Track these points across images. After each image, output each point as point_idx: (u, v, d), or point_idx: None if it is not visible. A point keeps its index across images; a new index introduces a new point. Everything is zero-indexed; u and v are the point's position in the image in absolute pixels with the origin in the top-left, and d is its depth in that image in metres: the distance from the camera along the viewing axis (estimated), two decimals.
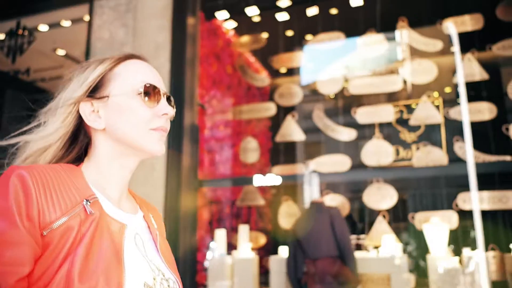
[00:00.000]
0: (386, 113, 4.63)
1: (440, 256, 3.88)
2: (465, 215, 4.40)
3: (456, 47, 4.53)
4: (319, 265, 3.31)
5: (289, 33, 5.44)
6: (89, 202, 0.78)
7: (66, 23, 5.67)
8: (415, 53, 4.70)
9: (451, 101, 4.85)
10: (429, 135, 4.43)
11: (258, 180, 4.33)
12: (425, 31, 4.80)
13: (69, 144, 0.90)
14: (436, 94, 5.77)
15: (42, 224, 0.72)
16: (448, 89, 5.46)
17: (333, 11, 5.10)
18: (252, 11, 5.04)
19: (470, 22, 4.59)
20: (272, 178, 4.23)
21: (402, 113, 4.60)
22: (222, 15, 5.23)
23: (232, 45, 5.62)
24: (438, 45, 4.68)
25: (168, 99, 0.89)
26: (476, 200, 4.11)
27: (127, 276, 0.75)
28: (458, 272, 3.71)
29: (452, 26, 4.66)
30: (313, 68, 5.77)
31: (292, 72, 6.03)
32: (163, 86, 0.89)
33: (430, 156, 4.41)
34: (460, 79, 4.40)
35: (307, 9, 5.05)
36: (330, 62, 5.37)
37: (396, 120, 4.60)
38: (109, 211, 0.82)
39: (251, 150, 5.09)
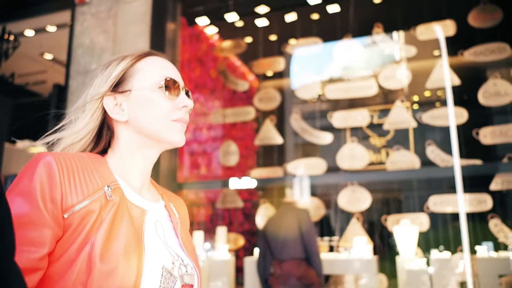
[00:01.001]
0: (362, 117, 4.73)
1: (407, 258, 3.97)
2: (436, 218, 4.50)
3: (443, 52, 4.60)
4: (284, 267, 3.38)
5: (269, 38, 5.53)
6: (111, 188, 0.82)
7: (51, 28, 5.77)
8: (390, 58, 4.80)
9: (424, 106, 4.95)
10: (401, 139, 4.52)
11: (234, 183, 4.43)
12: (399, 37, 4.90)
13: (97, 138, 0.94)
14: (416, 97, 5.87)
15: (65, 206, 0.75)
16: (426, 93, 5.56)
17: (312, 17, 5.20)
18: (232, 17, 5.14)
19: (443, 29, 4.68)
20: (248, 181, 4.33)
21: (372, 117, 4.70)
22: (203, 21, 5.33)
23: (214, 50, 5.72)
24: (412, 51, 4.78)
25: (186, 93, 0.94)
26: (463, 203, 4.18)
27: (146, 258, 0.78)
28: (424, 273, 3.80)
29: (424, 32, 4.76)
30: (300, 72, 5.87)
31: (281, 75, 6.13)
32: (182, 81, 0.94)
33: (403, 160, 4.50)
34: (448, 84, 4.46)
35: (285, 15, 5.15)
36: (316, 66, 5.47)
37: (369, 125, 4.69)
38: (130, 197, 0.86)
39: (231, 154, 5.19)
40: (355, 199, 4.55)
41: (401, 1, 4.83)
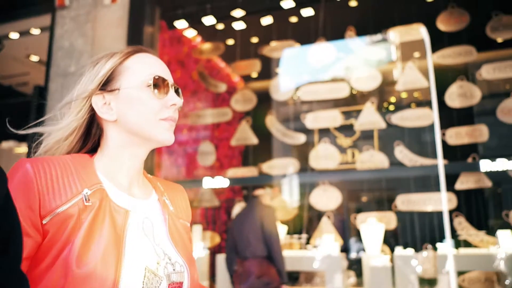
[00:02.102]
0: (334, 118, 4.86)
1: (373, 255, 4.10)
2: (403, 216, 4.62)
3: (428, 53, 4.70)
4: (246, 265, 3.44)
5: (248, 41, 5.66)
6: (91, 191, 0.81)
7: (35, 31, 5.90)
8: (362, 60, 4.93)
9: (394, 107, 5.07)
10: (369, 140, 4.65)
11: (207, 182, 4.56)
12: (371, 40, 5.02)
13: (85, 137, 0.93)
14: (393, 99, 5.99)
15: (43, 212, 0.75)
16: (392, 96, 5.68)
17: (288, 20, 5.32)
18: (210, 21, 5.26)
19: (412, 32, 4.81)
20: (221, 181, 4.46)
21: (345, 118, 4.82)
22: (182, 24, 5.45)
23: (193, 52, 5.85)
24: (382, 53, 4.90)
25: (176, 90, 0.93)
26: (445, 201, 4.29)
27: (126, 260, 0.78)
28: (388, 270, 3.93)
29: (396, 36, 4.88)
30: (285, 73, 5.98)
31: (268, 76, 6.25)
32: (171, 78, 0.93)
33: (373, 160, 4.63)
34: (432, 85, 4.56)
35: (261, 18, 5.27)
36: (297, 68, 5.58)
37: (340, 126, 4.82)
38: (115, 198, 0.85)
39: (208, 154, 5.31)
40: (326, 198, 4.67)
41: (373, 5, 4.95)
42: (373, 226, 4.25)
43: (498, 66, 4.46)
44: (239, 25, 5.46)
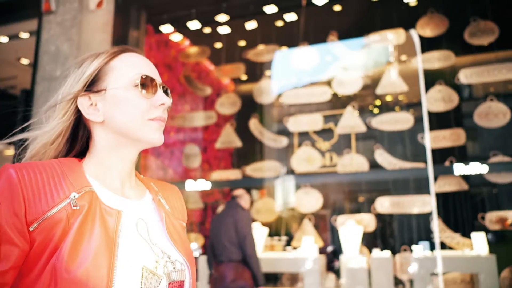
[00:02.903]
0: (315, 122, 4.93)
1: (350, 256, 4.17)
2: (383, 218, 4.69)
3: (418, 57, 4.76)
4: (220, 269, 3.46)
5: (232, 45, 5.73)
6: (78, 195, 0.79)
7: (24, 35, 5.98)
8: (344, 65, 5.00)
9: (367, 111, 5.14)
10: (348, 143, 4.71)
11: (190, 185, 4.63)
12: (353, 44, 5.09)
13: (72, 140, 0.91)
14: (378, 102, 6.07)
15: (29, 219, 0.73)
16: (377, 100, 5.75)
17: (271, 25, 5.40)
18: (195, 25, 5.34)
19: (392, 37, 4.88)
20: (203, 183, 4.54)
21: (326, 122, 4.89)
22: (167, 28, 5.53)
23: (180, 56, 5.93)
24: (363, 58, 4.98)
25: (165, 90, 0.91)
26: (434, 203, 4.35)
27: (120, 262, 0.76)
28: (364, 271, 4.00)
29: (376, 40, 4.95)
30: (277, 77, 6.05)
31: (256, 79, 6.32)
32: (159, 78, 0.91)
33: (353, 163, 4.70)
34: (422, 89, 4.63)
35: (245, 23, 5.35)
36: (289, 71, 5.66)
37: (321, 130, 4.89)
38: (106, 200, 0.83)
39: (193, 156, 5.39)
40: (307, 201, 4.75)
41: (355, 10, 5.03)
42: (351, 228, 4.32)
43: (476, 71, 4.53)
44: (224, 30, 5.53)
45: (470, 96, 4.79)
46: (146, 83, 0.87)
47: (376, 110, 5.99)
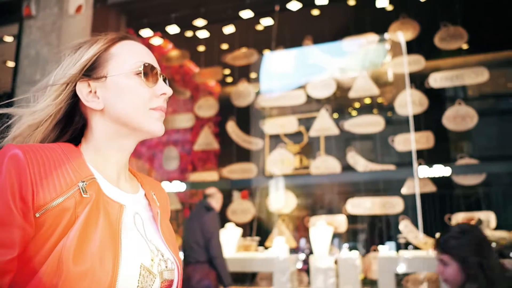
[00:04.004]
0: (291, 124, 5.03)
1: (319, 256, 4.27)
2: (354, 219, 4.78)
3: (405, 60, 4.84)
4: (187, 270, 3.50)
5: (210, 48, 5.83)
6: (86, 183, 0.76)
7: (8, 39, 6.09)
8: (318, 68, 5.10)
9: (346, 114, 5.23)
10: (318, 146, 4.81)
11: (165, 186, 4.73)
12: (328, 48, 5.19)
13: (63, 125, 0.87)
14: (357, 104, 6.17)
15: (36, 205, 0.70)
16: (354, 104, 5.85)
17: (249, 29, 5.50)
18: (174, 29, 5.44)
19: (365, 42, 4.98)
20: (177, 185, 4.63)
21: (300, 124, 4.98)
22: (147, 32, 5.63)
23: (161, 59, 6.03)
24: (337, 62, 5.07)
25: (164, 79, 0.88)
26: (419, 205, 4.42)
27: (123, 257, 0.74)
28: (332, 271, 4.10)
29: (353, 44, 5.05)
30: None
31: (235, 82, 6.42)
32: (159, 67, 0.88)
33: (326, 165, 4.80)
34: (408, 91, 4.70)
35: (223, 27, 5.45)
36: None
37: (296, 132, 4.99)
38: (107, 191, 0.80)
39: (172, 158, 5.49)
40: (281, 202, 4.84)
41: (329, 15, 5.12)
42: (321, 228, 4.42)
43: (445, 75, 4.63)
44: (203, 34, 5.63)
45: (439, 100, 4.88)
46: (147, 72, 0.84)
47: (354, 113, 6.09)
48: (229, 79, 6.47)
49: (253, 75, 6.67)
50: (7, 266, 0.68)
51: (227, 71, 6.20)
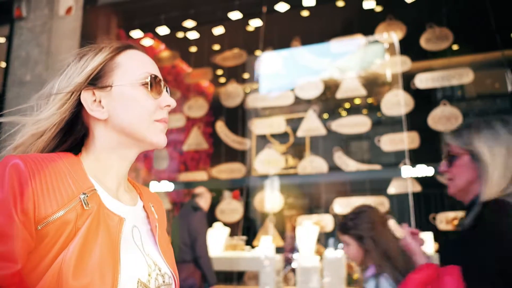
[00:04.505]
0: (279, 125, 5.08)
1: (305, 255, 4.32)
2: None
3: (398, 60, 4.87)
4: None
5: (201, 49, 5.88)
6: (87, 195, 0.75)
7: (1, 40, 6.14)
8: (303, 69, 5.15)
9: (337, 114, 5.28)
10: (312, 145, 4.86)
11: (153, 186, 4.78)
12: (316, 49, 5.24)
13: (63, 134, 0.86)
14: (348, 104, 6.21)
15: (37, 217, 0.69)
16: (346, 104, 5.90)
17: (238, 30, 5.54)
18: (164, 31, 5.48)
19: (352, 44, 5.02)
20: (167, 185, 4.68)
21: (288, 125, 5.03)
22: (137, 33, 5.67)
23: (154, 60, 6.07)
24: (324, 63, 5.12)
25: (166, 90, 0.88)
26: (411, 204, 4.46)
27: (122, 272, 0.73)
28: (317, 270, 4.14)
29: (339, 45, 5.10)
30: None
31: (243, 80, 6.46)
32: (162, 78, 0.88)
33: (313, 165, 4.84)
34: (401, 94, 4.73)
35: (213, 29, 5.49)
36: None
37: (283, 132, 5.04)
38: (107, 203, 0.79)
39: (162, 158, 5.53)
40: (269, 201, 4.89)
41: (317, 17, 5.16)
42: (307, 228, 4.47)
43: (431, 76, 4.67)
44: (193, 35, 5.67)
45: (425, 100, 4.92)
46: (153, 83, 0.84)
47: (344, 113, 6.14)
48: (223, 80, 6.51)
49: (246, 75, 6.73)
50: (11, 279, 0.67)
51: (220, 72, 6.25)
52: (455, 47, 5.31)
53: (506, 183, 1.22)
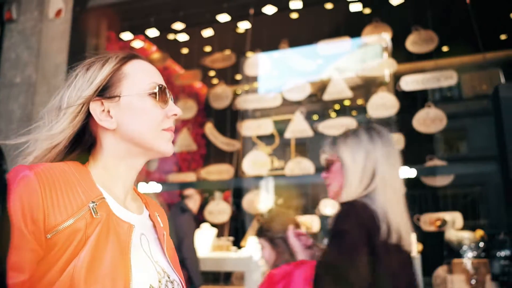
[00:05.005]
0: (266, 126, 5.12)
1: None
2: (327, 219, 4.87)
3: (391, 61, 4.91)
4: None
5: (192, 51, 5.93)
6: (96, 204, 0.77)
7: None
8: (292, 71, 5.19)
9: (323, 116, 5.32)
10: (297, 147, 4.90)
11: (142, 187, 4.83)
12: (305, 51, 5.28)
13: (72, 144, 0.87)
14: (338, 106, 6.26)
15: (47, 227, 0.71)
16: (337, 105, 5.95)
17: (228, 32, 5.59)
18: (153, 33, 5.53)
19: (339, 45, 5.07)
20: (153, 186, 4.73)
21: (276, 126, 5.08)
22: (127, 35, 5.72)
23: None
24: (312, 64, 5.16)
25: (171, 99, 0.91)
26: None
27: (133, 279, 0.74)
28: None
29: (327, 47, 5.14)
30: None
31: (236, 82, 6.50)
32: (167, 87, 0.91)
33: (300, 166, 4.89)
34: (392, 96, 4.77)
35: (202, 31, 5.54)
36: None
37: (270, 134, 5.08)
38: (116, 211, 0.81)
39: (152, 160, 5.57)
40: (258, 202, 4.94)
41: (305, 19, 5.21)
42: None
43: (416, 78, 4.71)
44: (183, 37, 5.72)
45: (410, 103, 4.96)
46: (160, 93, 0.86)
47: (334, 115, 6.18)
48: (216, 81, 6.55)
49: (239, 76, 6.78)
50: None
51: (213, 73, 6.30)
52: (445, 48, 5.37)
53: (364, 185, 1.30)
